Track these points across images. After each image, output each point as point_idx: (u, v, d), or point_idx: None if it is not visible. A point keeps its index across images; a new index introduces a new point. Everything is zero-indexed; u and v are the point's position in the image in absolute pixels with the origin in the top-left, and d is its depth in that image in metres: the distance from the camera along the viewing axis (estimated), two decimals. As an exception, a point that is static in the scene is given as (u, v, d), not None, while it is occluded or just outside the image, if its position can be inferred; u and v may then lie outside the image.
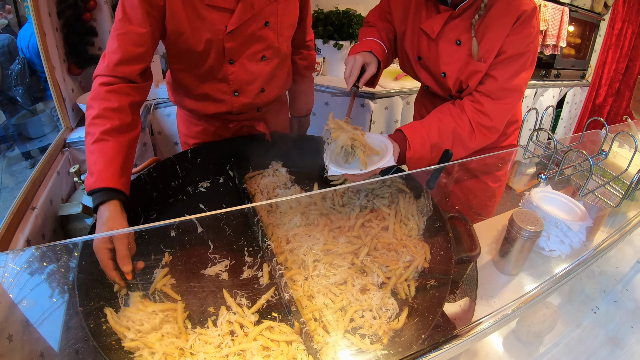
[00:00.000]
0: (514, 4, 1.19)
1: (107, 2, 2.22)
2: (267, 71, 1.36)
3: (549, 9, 3.27)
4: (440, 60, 1.32)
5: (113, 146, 1.03)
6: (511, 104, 1.28)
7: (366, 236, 1.09)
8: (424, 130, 1.24)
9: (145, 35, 1.13)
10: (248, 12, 1.22)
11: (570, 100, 4.07)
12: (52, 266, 0.86)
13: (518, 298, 0.79)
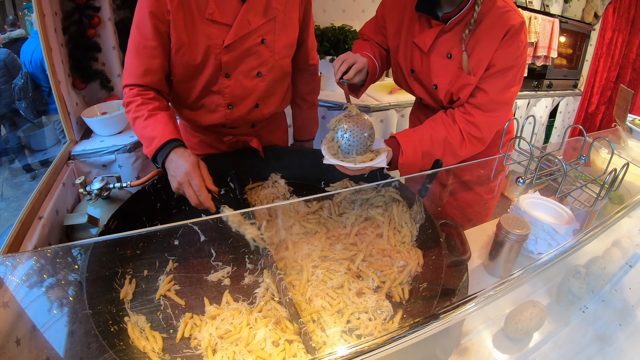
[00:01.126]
0: (503, 19, 1.26)
1: (111, 19, 2.29)
2: (261, 87, 1.42)
3: (539, 21, 3.37)
4: (432, 73, 1.38)
5: (163, 115, 1.22)
6: (501, 117, 1.35)
7: (361, 243, 1.15)
8: (417, 137, 1.30)
9: (158, 48, 1.25)
10: (245, 28, 1.29)
11: (563, 110, 4.14)
12: (58, 270, 0.92)
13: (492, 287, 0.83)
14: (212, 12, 1.25)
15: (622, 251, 1.32)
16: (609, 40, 4.12)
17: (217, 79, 1.35)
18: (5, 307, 0.81)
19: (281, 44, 1.39)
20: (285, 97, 1.58)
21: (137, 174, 2.03)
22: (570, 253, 1.00)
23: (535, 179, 1.11)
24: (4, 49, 3.54)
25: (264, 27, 1.33)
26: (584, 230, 1.28)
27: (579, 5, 4.07)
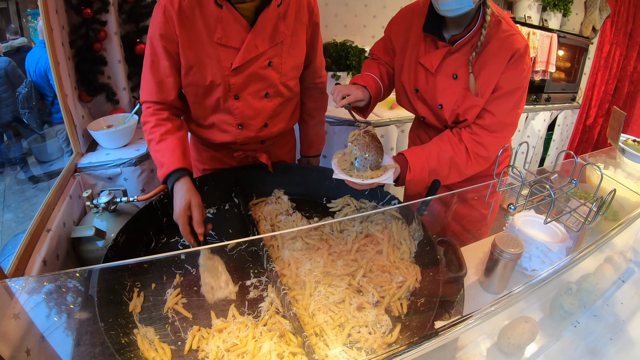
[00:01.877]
0: (508, 42, 1.30)
1: (117, 33, 2.34)
2: (270, 108, 1.47)
3: (537, 37, 3.42)
4: (438, 93, 1.42)
5: (172, 141, 1.30)
6: (507, 136, 1.41)
7: (362, 259, 1.19)
8: (425, 155, 1.35)
9: (170, 67, 1.34)
10: (252, 52, 1.34)
11: (561, 123, 4.18)
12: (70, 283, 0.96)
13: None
14: (221, 36, 1.30)
15: (614, 267, 1.36)
16: (607, 54, 4.15)
17: (227, 100, 1.41)
18: (17, 319, 0.85)
19: (288, 66, 1.44)
20: (294, 114, 1.63)
21: (142, 187, 2.07)
22: (564, 271, 1.05)
23: (525, 206, 1.16)
24: (4, 58, 3.59)
25: (271, 50, 1.38)
26: (577, 249, 1.33)
27: (577, 20, 4.13)
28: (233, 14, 1.29)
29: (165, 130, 1.32)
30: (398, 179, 1.34)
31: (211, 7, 1.29)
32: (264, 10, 1.32)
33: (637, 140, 1.85)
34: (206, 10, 1.29)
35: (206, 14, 1.29)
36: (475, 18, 1.31)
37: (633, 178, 1.69)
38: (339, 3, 3.21)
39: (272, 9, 1.33)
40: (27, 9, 3.90)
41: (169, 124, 1.34)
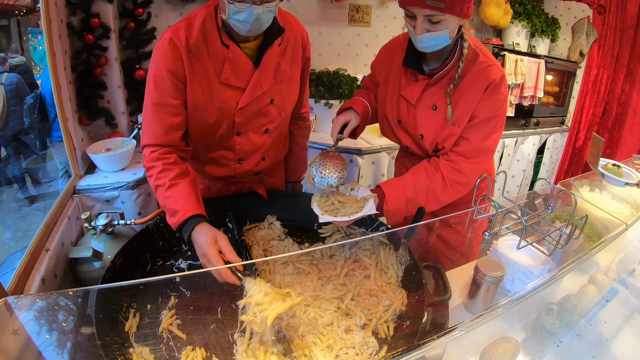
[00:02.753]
0: (484, 74, 1.36)
1: (117, 59, 2.41)
2: (268, 142, 1.53)
3: (525, 63, 3.50)
4: (418, 124, 1.48)
5: (184, 186, 1.25)
6: (483, 162, 1.45)
7: (350, 283, 1.23)
8: (400, 186, 1.40)
9: (179, 106, 1.32)
10: (258, 91, 1.38)
11: (551, 146, 4.24)
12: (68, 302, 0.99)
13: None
14: (228, 76, 1.34)
15: (598, 287, 1.40)
16: (595, 77, 4.23)
17: (230, 137, 1.45)
18: (15, 335, 0.88)
19: (287, 102, 1.51)
20: (285, 144, 1.70)
21: (139, 210, 2.11)
22: (540, 290, 1.09)
23: (500, 233, 1.21)
24: (14, 74, 3.72)
25: (273, 88, 1.43)
26: (553, 270, 1.38)
27: (565, 45, 4.24)
28: (239, 55, 1.33)
29: (174, 175, 1.26)
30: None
31: (218, 47, 1.31)
32: (268, 50, 1.37)
33: (617, 164, 1.91)
34: (213, 50, 1.31)
35: (213, 53, 1.31)
36: (453, 52, 1.38)
37: (620, 200, 1.74)
38: (332, 32, 3.33)
39: (274, 49, 1.39)
40: (28, 28, 3.95)
41: (177, 169, 1.28)
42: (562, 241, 1.22)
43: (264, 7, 1.18)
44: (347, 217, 1.27)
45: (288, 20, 1.45)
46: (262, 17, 1.20)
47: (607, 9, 4.05)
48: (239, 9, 1.17)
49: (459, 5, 1.21)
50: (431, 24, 1.25)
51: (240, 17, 1.19)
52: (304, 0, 3.12)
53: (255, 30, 1.24)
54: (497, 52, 3.40)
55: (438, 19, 1.23)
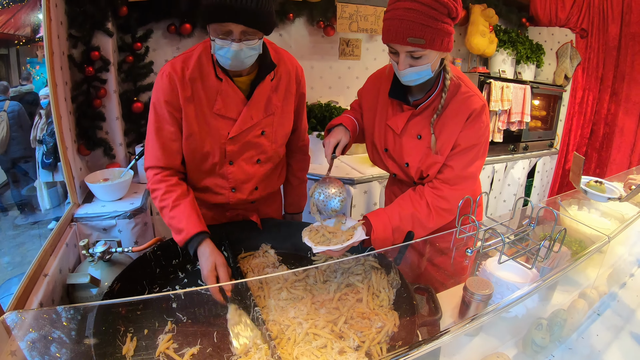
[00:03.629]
0: (466, 104, 1.42)
1: (116, 91, 2.48)
2: (261, 172, 1.58)
3: (511, 90, 3.58)
4: (404, 152, 1.53)
5: (186, 206, 1.39)
6: (467, 189, 1.49)
7: (343, 307, 1.26)
8: (386, 216, 1.44)
9: (176, 133, 1.44)
10: (248, 122, 1.46)
11: (540, 169, 4.31)
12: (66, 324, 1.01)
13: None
14: (220, 107, 1.42)
15: (587, 301, 1.42)
16: (581, 99, 4.33)
17: (222, 165, 1.51)
18: (13, 356, 0.89)
19: (279, 134, 1.57)
20: (281, 176, 1.75)
21: (135, 239, 2.14)
22: (524, 299, 1.13)
23: (481, 249, 1.26)
24: (15, 102, 3.86)
25: (264, 121, 1.50)
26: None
27: (551, 69, 4.36)
28: (232, 88, 1.42)
29: (177, 196, 1.40)
30: (364, 240, 1.43)
31: (212, 80, 1.41)
32: (259, 85, 1.45)
33: (599, 181, 1.97)
34: (207, 82, 1.41)
35: (207, 85, 1.41)
36: (436, 83, 1.45)
37: (608, 217, 1.78)
38: (324, 66, 3.44)
39: (266, 83, 1.47)
40: (27, 58, 4.04)
41: (179, 190, 1.42)
42: (544, 255, 1.26)
43: (243, 45, 1.28)
44: (340, 245, 1.32)
45: (282, 57, 1.53)
46: (241, 54, 1.29)
47: (589, 33, 4.17)
48: (221, 46, 1.28)
49: (438, 40, 1.28)
50: (413, 59, 1.32)
51: (222, 53, 1.30)
52: (296, 35, 3.24)
53: (236, 65, 1.34)
54: (484, 80, 3.48)
55: (419, 54, 1.30)
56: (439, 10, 1.24)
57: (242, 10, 1.21)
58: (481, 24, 3.72)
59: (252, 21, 1.25)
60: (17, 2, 3.47)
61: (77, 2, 2.20)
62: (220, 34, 1.27)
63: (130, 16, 2.51)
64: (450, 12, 1.26)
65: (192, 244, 1.35)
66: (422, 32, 1.24)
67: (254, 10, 1.22)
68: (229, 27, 1.25)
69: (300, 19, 3.21)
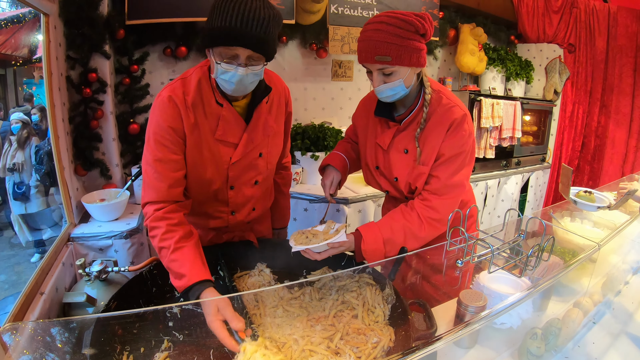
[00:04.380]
0: (446, 116, 1.47)
1: (113, 112, 2.52)
2: (258, 194, 1.61)
3: (501, 106, 3.64)
4: (392, 167, 1.58)
5: (189, 249, 1.29)
6: (455, 198, 1.52)
7: (339, 323, 1.26)
8: (377, 227, 1.47)
9: (180, 161, 1.38)
10: (249, 146, 1.47)
11: (534, 184, 4.34)
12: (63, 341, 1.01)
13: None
14: (222, 133, 1.42)
15: (582, 310, 1.43)
16: (571, 113, 4.40)
17: (224, 191, 1.52)
18: None
19: (273, 154, 1.60)
20: (271, 194, 1.78)
21: (132, 259, 2.14)
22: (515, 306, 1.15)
23: (472, 260, 1.28)
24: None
25: (262, 143, 1.52)
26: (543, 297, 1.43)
27: (540, 85, 4.43)
28: (232, 113, 1.42)
29: (179, 238, 1.29)
30: (356, 252, 1.46)
31: (213, 105, 1.40)
32: (257, 108, 1.47)
33: (588, 191, 2.00)
34: (208, 108, 1.39)
35: (208, 111, 1.39)
36: (417, 98, 1.51)
37: (602, 227, 1.80)
38: (317, 88, 3.49)
39: (263, 106, 1.49)
40: (24, 78, 4.07)
41: (182, 230, 1.31)
42: (535, 264, 1.29)
43: (249, 70, 1.27)
44: (316, 244, 1.34)
45: (272, 79, 1.57)
46: (245, 79, 1.29)
47: (576, 47, 4.27)
48: (226, 70, 1.27)
49: (405, 56, 1.35)
50: (385, 76, 1.39)
51: (225, 77, 1.28)
52: (290, 58, 3.30)
53: (239, 90, 1.33)
54: (474, 98, 3.53)
55: (389, 71, 1.38)
56: (405, 28, 1.33)
57: (251, 36, 1.22)
58: (470, 42, 3.79)
59: (259, 47, 1.25)
60: (16, 23, 3.52)
61: (75, 25, 2.26)
62: (226, 58, 1.26)
63: (127, 39, 2.57)
64: (418, 29, 1.34)
65: (194, 293, 1.22)
66: (387, 49, 1.33)
67: (262, 36, 1.23)
68: (236, 52, 1.25)
69: (294, 41, 3.28)
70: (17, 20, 3.48)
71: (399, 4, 3.34)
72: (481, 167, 3.77)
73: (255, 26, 1.21)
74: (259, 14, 1.21)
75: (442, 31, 3.83)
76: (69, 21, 2.23)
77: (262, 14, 1.22)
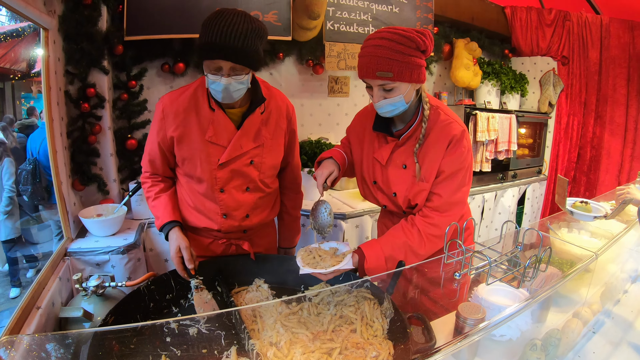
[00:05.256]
0: (445, 131, 1.48)
1: (110, 128, 2.53)
2: (251, 200, 1.64)
3: (497, 120, 3.64)
4: (391, 183, 1.58)
5: (165, 198, 1.64)
6: (456, 215, 1.54)
7: (338, 338, 1.26)
8: (379, 245, 1.47)
9: (160, 154, 1.61)
10: (237, 150, 1.54)
11: (530, 196, 4.35)
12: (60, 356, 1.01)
13: None
14: (212, 135, 1.52)
15: (581, 320, 1.44)
16: (566, 125, 4.43)
17: (214, 192, 1.58)
18: None
19: (267, 165, 1.63)
20: (274, 208, 1.80)
21: (128, 275, 2.13)
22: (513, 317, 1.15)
23: (469, 272, 1.28)
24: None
25: (253, 151, 1.58)
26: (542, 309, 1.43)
27: (535, 97, 4.47)
28: (223, 117, 1.53)
29: (159, 190, 1.65)
30: (359, 270, 1.47)
31: (205, 110, 1.53)
32: (250, 116, 1.54)
33: (584, 201, 2.01)
34: (201, 112, 1.53)
35: (201, 115, 1.53)
36: (416, 114, 1.52)
37: (599, 237, 1.80)
38: (314, 103, 3.52)
39: (256, 115, 1.56)
40: (21, 92, 4.10)
41: (162, 184, 1.67)
42: (533, 275, 1.29)
43: (232, 79, 1.41)
44: (324, 269, 1.35)
45: (273, 94, 1.64)
46: (230, 87, 1.42)
47: (570, 59, 4.32)
48: (213, 80, 1.41)
49: (406, 73, 1.37)
50: (385, 91, 1.41)
51: (213, 87, 1.43)
52: (286, 74, 3.33)
53: (227, 98, 1.46)
54: (469, 112, 3.55)
55: (390, 86, 1.39)
56: (405, 44, 1.35)
57: (230, 49, 1.35)
58: (465, 57, 3.84)
59: (239, 58, 1.38)
60: (15, 37, 3.54)
61: (74, 40, 2.28)
62: (212, 70, 1.40)
63: (125, 55, 2.59)
64: (419, 45, 1.36)
65: (165, 230, 1.57)
66: (389, 65, 1.35)
67: (241, 48, 1.36)
68: (219, 64, 1.38)
69: (290, 58, 3.31)
70: (16, 34, 3.51)
71: (394, 20, 3.38)
72: (478, 181, 3.77)
73: (234, 39, 1.34)
74: (237, 28, 1.34)
75: (437, 46, 3.88)
76: (68, 36, 2.26)
77: (241, 28, 1.34)
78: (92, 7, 2.32)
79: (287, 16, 2.91)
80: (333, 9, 3.12)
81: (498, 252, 1.45)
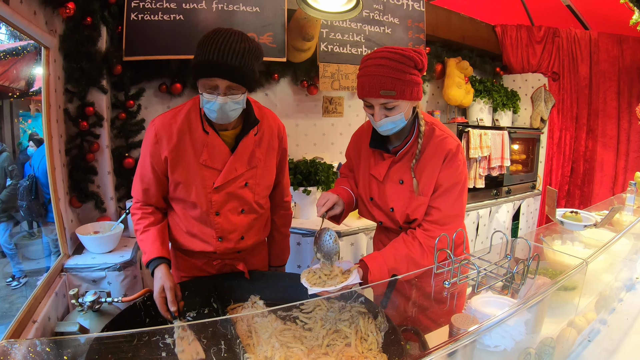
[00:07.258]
0: (441, 146, 1.52)
1: (108, 146, 2.55)
2: (246, 222, 1.64)
3: (489, 136, 3.70)
4: (388, 198, 1.60)
5: (153, 232, 1.55)
6: (456, 227, 1.55)
7: (332, 352, 1.26)
8: (382, 258, 1.49)
9: (155, 180, 1.56)
10: (232, 173, 1.55)
11: (525, 211, 4.38)
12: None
13: None
14: (206, 158, 1.52)
15: (576, 328, 1.44)
16: (558, 139, 4.50)
17: (209, 215, 1.57)
18: None
19: (261, 186, 1.65)
20: (266, 227, 1.80)
21: (125, 292, 2.13)
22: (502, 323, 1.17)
23: (458, 281, 1.30)
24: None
25: (248, 173, 1.59)
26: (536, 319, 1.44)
27: (527, 114, 4.56)
28: (217, 141, 1.52)
29: (149, 223, 1.56)
30: (362, 283, 1.46)
31: (199, 133, 1.52)
32: (243, 139, 1.55)
33: (574, 211, 2.03)
34: (195, 135, 1.52)
35: (194, 138, 1.51)
36: (411, 130, 1.56)
37: (593, 248, 1.82)
38: (308, 123, 3.57)
39: (250, 137, 1.57)
40: (20, 111, 4.11)
41: (152, 217, 1.59)
42: (522, 281, 1.32)
43: (228, 99, 1.40)
44: (333, 287, 1.35)
45: (265, 114, 1.65)
46: (226, 107, 1.41)
47: (560, 75, 4.41)
48: (208, 99, 1.40)
49: (408, 91, 1.41)
50: (387, 110, 1.44)
51: (209, 106, 1.41)
52: (281, 95, 3.38)
53: (222, 118, 1.45)
54: (462, 130, 3.60)
55: (392, 105, 1.43)
56: (405, 63, 1.39)
57: (227, 67, 1.35)
58: (457, 76, 3.92)
59: (236, 77, 1.37)
60: (14, 55, 3.58)
61: (74, 59, 2.32)
62: (208, 88, 1.39)
63: (124, 75, 2.64)
64: (417, 64, 1.41)
65: (150, 266, 1.48)
66: (392, 84, 1.39)
67: (238, 67, 1.36)
68: (215, 82, 1.37)
69: (285, 79, 3.37)
70: (16, 53, 3.55)
71: (387, 41, 3.45)
72: (472, 197, 3.80)
73: (231, 58, 1.34)
74: (234, 47, 1.34)
75: (429, 66, 3.94)
76: (68, 55, 2.30)
77: (238, 47, 1.35)
78: (92, 27, 2.36)
79: (281, 38, 2.97)
80: (327, 30, 3.20)
81: (488, 262, 1.47)
